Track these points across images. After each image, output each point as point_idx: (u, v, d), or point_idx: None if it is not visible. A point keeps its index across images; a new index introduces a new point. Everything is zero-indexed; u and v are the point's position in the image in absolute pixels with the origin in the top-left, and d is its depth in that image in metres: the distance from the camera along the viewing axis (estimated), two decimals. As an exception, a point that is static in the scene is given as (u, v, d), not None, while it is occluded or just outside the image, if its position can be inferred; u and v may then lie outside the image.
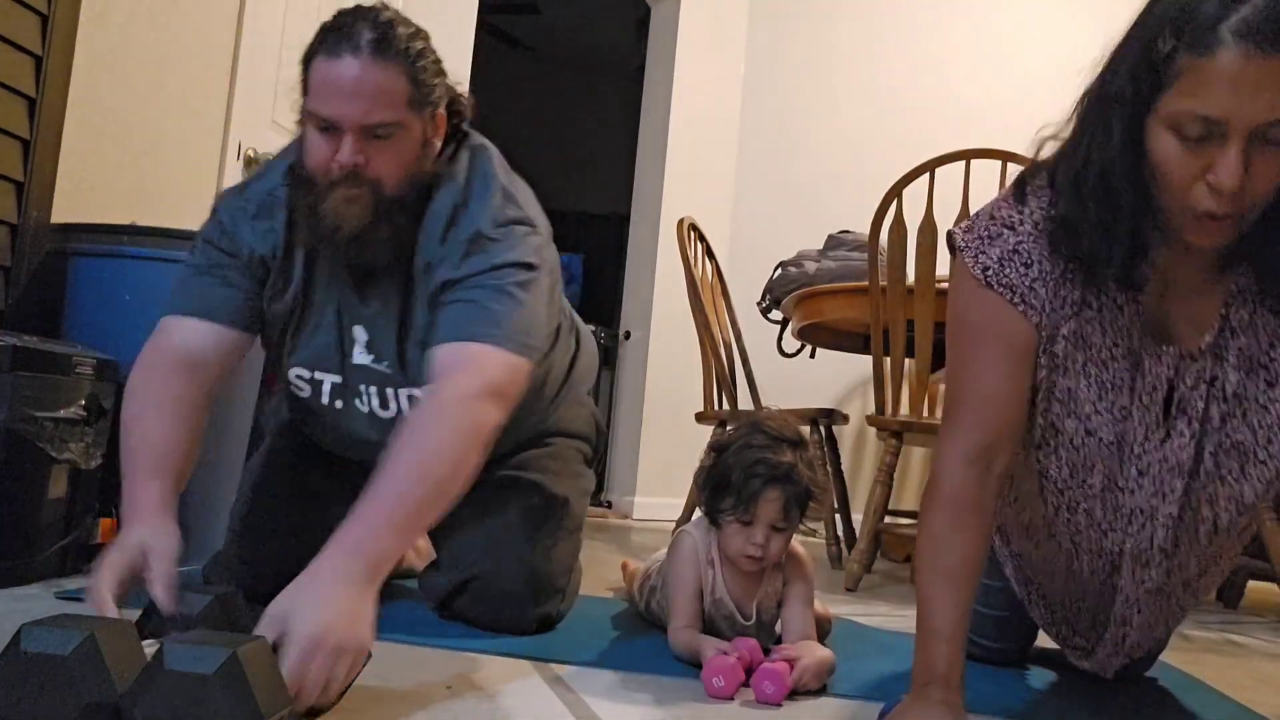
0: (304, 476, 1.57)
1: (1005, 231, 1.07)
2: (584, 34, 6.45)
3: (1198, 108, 0.88)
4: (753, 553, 1.35)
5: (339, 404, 1.36)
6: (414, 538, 1.26)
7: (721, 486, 1.36)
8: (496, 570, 1.45)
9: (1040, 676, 1.46)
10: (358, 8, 1.27)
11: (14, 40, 1.78)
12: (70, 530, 1.62)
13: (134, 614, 1.05)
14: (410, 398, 1.33)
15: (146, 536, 1.11)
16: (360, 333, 1.33)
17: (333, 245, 1.28)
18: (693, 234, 3.05)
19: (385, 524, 1.08)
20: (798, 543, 1.43)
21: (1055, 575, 1.27)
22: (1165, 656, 1.60)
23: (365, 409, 1.36)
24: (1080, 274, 1.04)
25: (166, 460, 1.21)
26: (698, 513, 1.47)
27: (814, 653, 1.26)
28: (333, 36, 1.23)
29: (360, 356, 1.32)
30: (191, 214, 2.41)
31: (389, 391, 1.34)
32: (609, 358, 5.15)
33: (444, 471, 1.13)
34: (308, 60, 1.26)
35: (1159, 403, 1.08)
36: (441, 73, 1.31)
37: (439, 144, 1.34)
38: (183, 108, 2.36)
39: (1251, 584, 2.84)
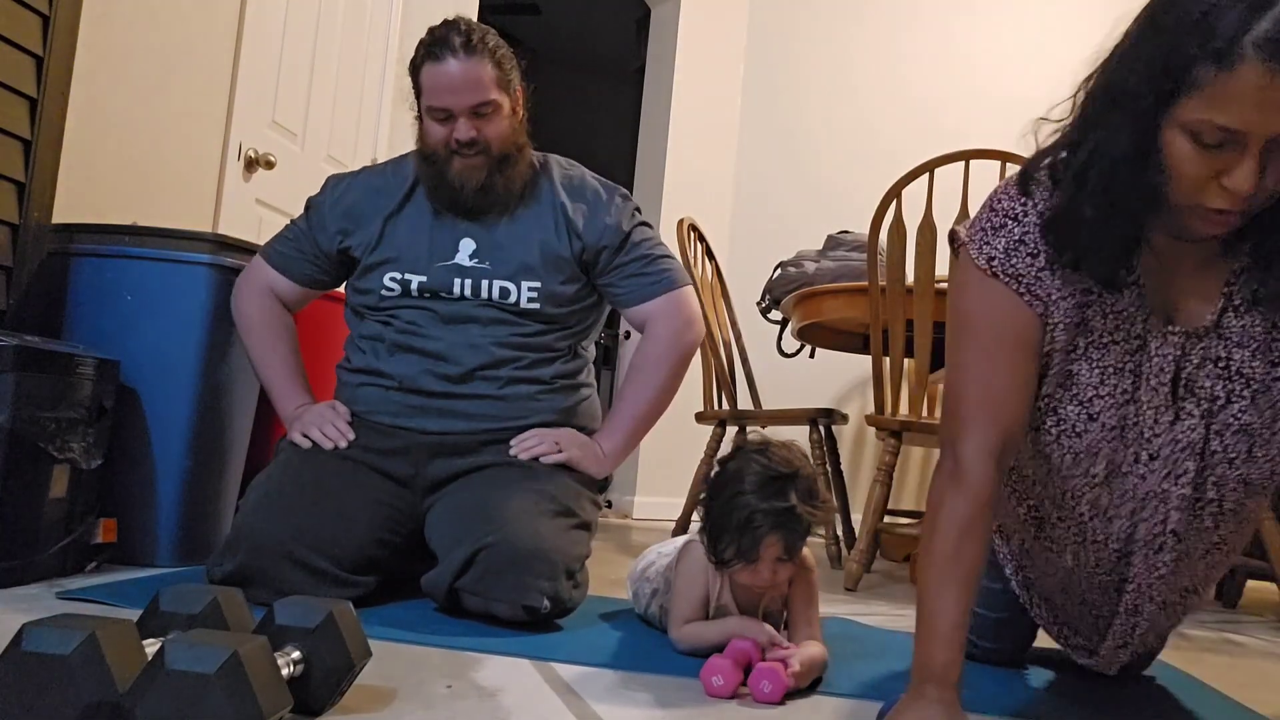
0: (319, 469, 1.62)
1: (1009, 223, 1.08)
2: (584, 34, 6.45)
3: (1218, 119, 0.89)
4: (762, 585, 1.35)
5: (426, 295, 1.70)
6: (641, 437, 1.81)
7: (720, 533, 1.34)
8: (506, 538, 1.47)
9: (1039, 676, 1.46)
10: (445, 21, 1.67)
11: (15, 41, 1.78)
12: (71, 530, 1.63)
13: (134, 614, 1.05)
14: (500, 288, 1.70)
15: (329, 405, 1.72)
16: (468, 244, 1.72)
17: (460, 202, 1.69)
18: (693, 234, 3.05)
19: (623, 431, 1.76)
20: None
21: (1057, 572, 1.26)
22: (1165, 656, 1.60)
23: (454, 295, 1.70)
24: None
25: (297, 374, 1.79)
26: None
27: (805, 651, 1.27)
28: (433, 47, 1.63)
29: (465, 260, 1.71)
30: (192, 214, 2.42)
31: (483, 282, 1.70)
32: (609, 357, 5.16)
33: (663, 393, 1.77)
34: (415, 69, 1.67)
35: (1167, 384, 1.09)
36: (514, 59, 1.71)
37: (523, 113, 1.75)
38: (184, 108, 2.36)
39: (1250, 584, 2.84)
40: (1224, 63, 0.87)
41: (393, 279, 1.71)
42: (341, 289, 1.89)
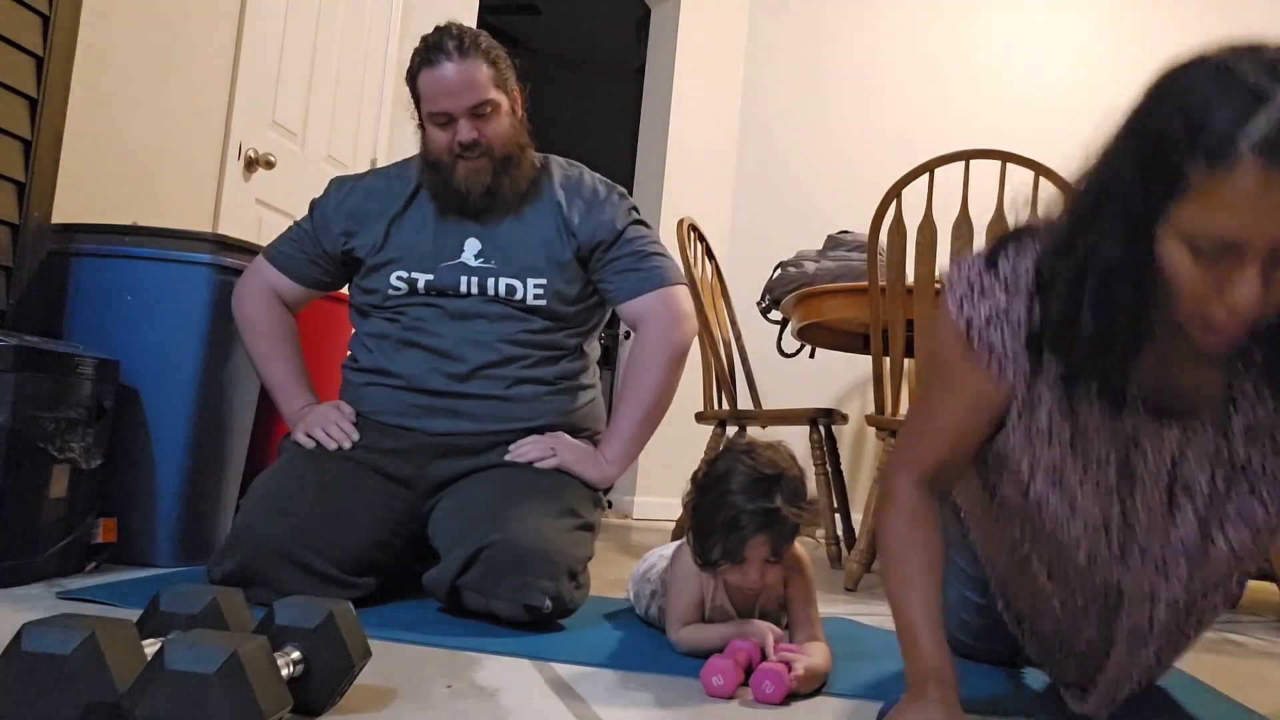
0: (321, 470, 1.62)
1: (997, 289, 1.01)
2: (584, 34, 6.44)
3: (1215, 228, 0.81)
4: (751, 586, 1.35)
5: (433, 293, 1.71)
6: (645, 441, 1.80)
7: (707, 533, 1.34)
8: (510, 537, 1.47)
9: (1038, 676, 1.46)
10: (437, 28, 1.68)
11: (15, 40, 1.78)
12: (71, 530, 1.63)
13: (134, 614, 1.05)
14: (507, 285, 1.70)
15: (333, 405, 1.73)
16: (473, 244, 1.72)
17: (466, 205, 1.70)
18: (693, 234, 3.05)
19: (624, 437, 1.76)
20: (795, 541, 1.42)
21: (1048, 611, 1.23)
22: (1164, 656, 1.60)
23: (460, 292, 1.70)
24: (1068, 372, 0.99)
25: (300, 374, 1.79)
26: None
27: (810, 658, 1.26)
28: (428, 53, 1.65)
29: (470, 260, 1.71)
30: (192, 214, 2.42)
31: (489, 280, 1.71)
32: (609, 357, 5.16)
33: (660, 393, 1.75)
34: (413, 77, 1.68)
35: (1163, 485, 1.03)
36: (508, 58, 1.71)
37: (522, 113, 1.75)
38: (184, 108, 2.36)
39: (1251, 584, 2.83)
40: (1218, 164, 0.79)
41: (399, 278, 1.71)
42: (345, 290, 1.89)
